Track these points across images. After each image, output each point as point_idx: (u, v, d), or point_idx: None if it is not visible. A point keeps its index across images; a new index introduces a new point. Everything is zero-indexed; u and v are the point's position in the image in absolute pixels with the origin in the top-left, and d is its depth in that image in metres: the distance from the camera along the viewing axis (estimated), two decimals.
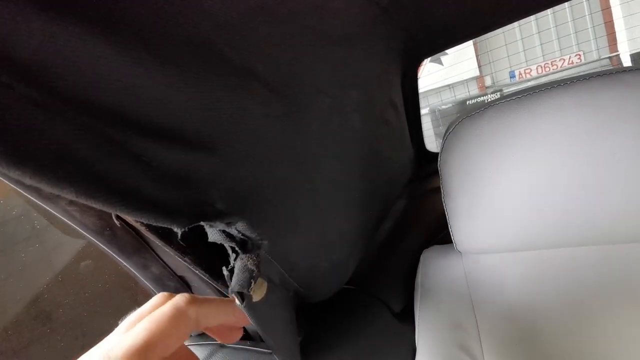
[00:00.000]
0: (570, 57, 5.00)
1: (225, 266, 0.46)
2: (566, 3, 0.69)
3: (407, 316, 0.57)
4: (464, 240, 0.52)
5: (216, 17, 0.25)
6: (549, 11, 4.64)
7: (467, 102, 4.79)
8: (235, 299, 0.28)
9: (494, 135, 0.48)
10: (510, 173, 0.48)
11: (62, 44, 0.16)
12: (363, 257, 0.60)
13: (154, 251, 0.42)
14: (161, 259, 0.43)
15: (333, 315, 0.57)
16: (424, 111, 4.93)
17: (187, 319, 0.25)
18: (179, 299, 0.26)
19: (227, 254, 0.48)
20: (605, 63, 5.10)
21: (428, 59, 0.80)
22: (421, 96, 0.92)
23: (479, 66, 5.49)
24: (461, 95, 5.62)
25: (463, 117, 0.51)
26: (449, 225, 0.54)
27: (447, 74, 5.59)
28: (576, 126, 0.44)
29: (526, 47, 5.20)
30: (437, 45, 0.70)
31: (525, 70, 5.26)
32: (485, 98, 5.15)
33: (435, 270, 0.59)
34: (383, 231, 0.78)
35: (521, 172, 0.47)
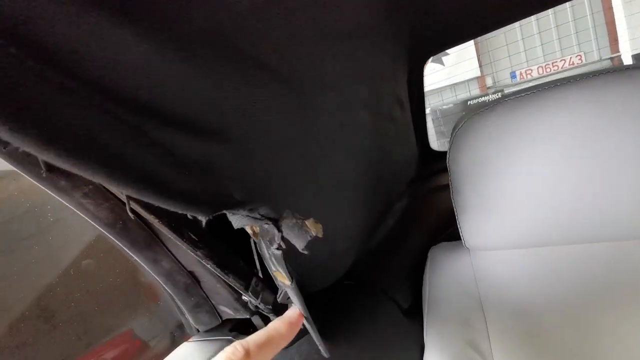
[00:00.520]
0: (571, 58, 5.00)
1: (238, 260, 0.46)
2: (567, 3, 0.69)
3: (415, 312, 0.57)
4: (473, 237, 0.52)
5: (232, 8, 0.25)
6: (550, 11, 4.64)
7: (469, 102, 4.79)
8: (285, 280, 0.29)
9: (504, 132, 0.48)
10: (519, 169, 0.48)
11: (87, 30, 0.16)
12: (368, 253, 0.60)
13: (165, 245, 0.42)
14: (172, 254, 0.43)
15: (341, 311, 0.57)
16: (426, 111, 4.92)
17: None
18: (237, 356, 0.25)
19: (239, 248, 0.48)
20: (606, 64, 5.09)
21: (430, 59, 0.79)
22: None
23: (480, 66, 5.49)
24: (462, 95, 5.62)
25: (471, 114, 0.51)
26: (458, 222, 0.54)
27: (449, 74, 5.59)
28: (585, 123, 0.44)
29: (527, 47, 5.20)
30: (444, 42, 0.70)
31: (526, 70, 5.26)
32: (486, 98, 5.14)
33: (443, 267, 0.59)
34: (387, 228, 0.78)
35: (530, 169, 0.47)
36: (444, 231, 0.74)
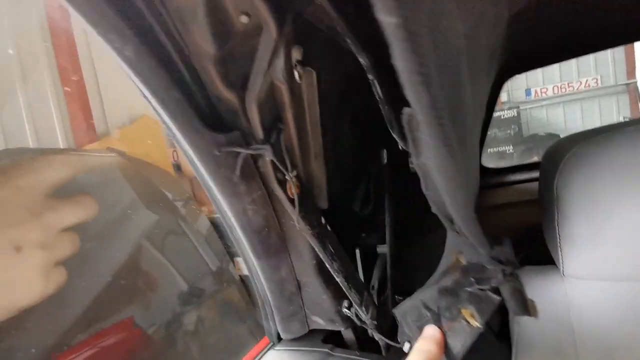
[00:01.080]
0: (587, 81, 5.03)
1: (358, 275, 0.45)
2: None
3: (504, 335, 0.55)
4: (577, 265, 0.51)
5: None
6: None
7: None
8: (475, 321, 0.27)
9: (620, 161, 0.47)
10: (634, 201, 0.47)
11: None
12: None
13: (289, 254, 0.40)
14: (292, 263, 0.42)
15: None
16: None
17: None
18: None
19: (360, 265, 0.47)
20: (621, 89, 5.13)
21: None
22: None
23: None
24: None
25: (584, 140, 0.50)
26: (559, 249, 0.53)
27: None
28: None
29: (545, 69, 5.22)
30: (531, 63, 0.70)
31: (541, 89, 5.29)
32: (501, 113, 5.16)
33: (532, 292, 0.57)
34: None
35: None
36: (516, 253, 0.72)
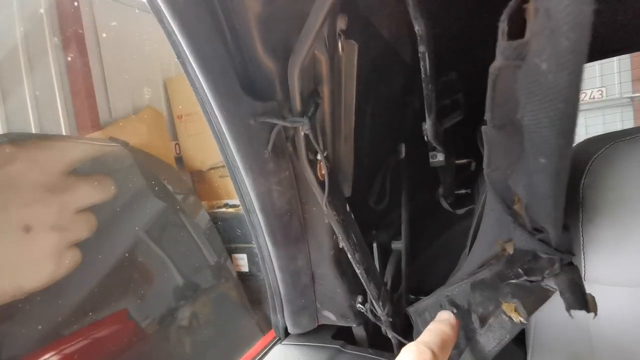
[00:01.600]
0: (592, 92, 5.01)
1: (376, 269, 0.43)
2: None
3: (519, 338, 0.54)
4: (601, 270, 0.50)
5: None
6: None
7: None
8: (518, 316, 0.26)
9: None
10: None
11: None
12: None
13: (308, 244, 0.39)
14: (309, 252, 0.40)
15: None
16: None
17: None
18: (427, 356, 0.24)
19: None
20: (625, 102, 5.11)
21: None
22: None
23: None
24: None
25: (614, 141, 0.48)
26: (582, 253, 0.51)
27: None
28: None
29: None
30: None
31: None
32: None
33: None
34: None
35: None
36: None
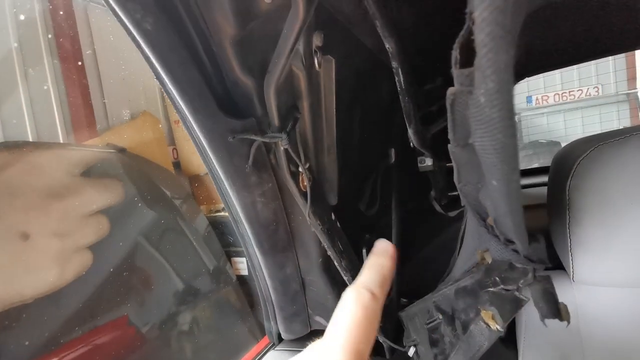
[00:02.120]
0: (588, 89, 5.04)
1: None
2: None
3: (510, 340, 0.55)
4: (588, 271, 0.50)
5: None
6: None
7: None
8: (496, 324, 0.26)
9: (636, 166, 0.46)
10: None
11: None
12: None
13: (296, 251, 0.39)
14: (297, 260, 0.40)
15: None
16: None
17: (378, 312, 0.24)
18: (365, 298, 0.24)
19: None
20: (621, 98, 5.13)
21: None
22: None
23: None
24: None
25: (599, 143, 0.49)
26: (570, 254, 0.51)
27: None
28: None
29: (546, 75, 5.23)
30: (541, 66, 0.69)
31: (542, 96, 5.30)
32: None
33: None
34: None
35: None
36: None
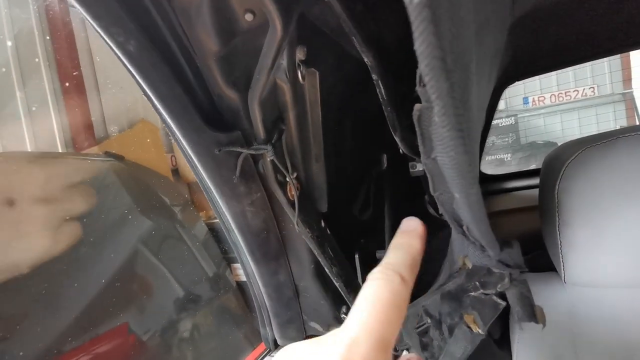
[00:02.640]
0: (584, 90, 5.07)
1: (357, 281, 0.44)
2: None
3: (504, 342, 0.55)
4: (579, 272, 0.51)
5: None
6: None
7: None
8: (477, 327, 0.27)
9: (625, 167, 0.47)
10: (637, 207, 0.46)
11: None
12: None
13: (288, 258, 0.40)
14: (290, 267, 0.41)
15: None
16: None
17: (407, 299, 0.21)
18: (394, 282, 0.21)
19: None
20: (617, 98, 5.17)
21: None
22: None
23: None
24: None
25: (586, 146, 0.50)
26: (560, 255, 0.52)
27: None
28: None
29: (542, 76, 5.25)
30: (532, 69, 0.70)
31: (539, 97, 5.33)
32: (499, 121, 5.19)
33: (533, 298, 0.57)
34: None
35: None
36: None
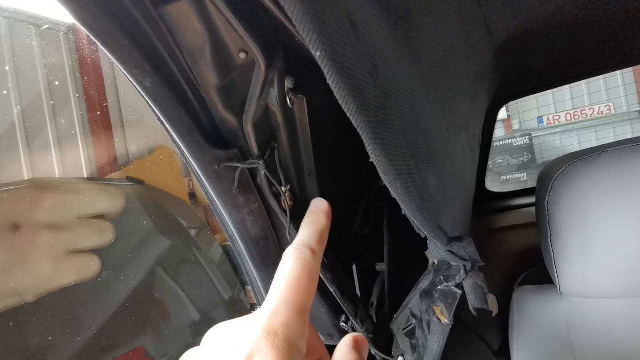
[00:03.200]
0: (600, 107, 5.01)
1: (353, 287, 0.47)
2: None
3: (504, 354, 0.56)
4: (572, 282, 0.52)
5: None
6: None
7: (495, 144, 4.81)
8: (444, 318, 0.29)
9: (611, 180, 0.49)
10: (626, 218, 0.48)
11: None
12: None
13: None
14: None
15: None
16: None
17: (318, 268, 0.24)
18: (305, 255, 0.24)
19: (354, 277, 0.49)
20: (634, 116, 5.08)
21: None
22: None
23: (507, 109, 5.54)
24: None
25: (573, 160, 0.52)
26: (554, 266, 0.54)
27: None
28: None
29: (557, 101, 5.22)
30: (525, 89, 0.73)
31: (553, 117, 5.28)
32: (513, 141, 5.16)
33: (531, 310, 0.58)
34: None
35: (636, 219, 0.48)
36: (519, 274, 0.73)
